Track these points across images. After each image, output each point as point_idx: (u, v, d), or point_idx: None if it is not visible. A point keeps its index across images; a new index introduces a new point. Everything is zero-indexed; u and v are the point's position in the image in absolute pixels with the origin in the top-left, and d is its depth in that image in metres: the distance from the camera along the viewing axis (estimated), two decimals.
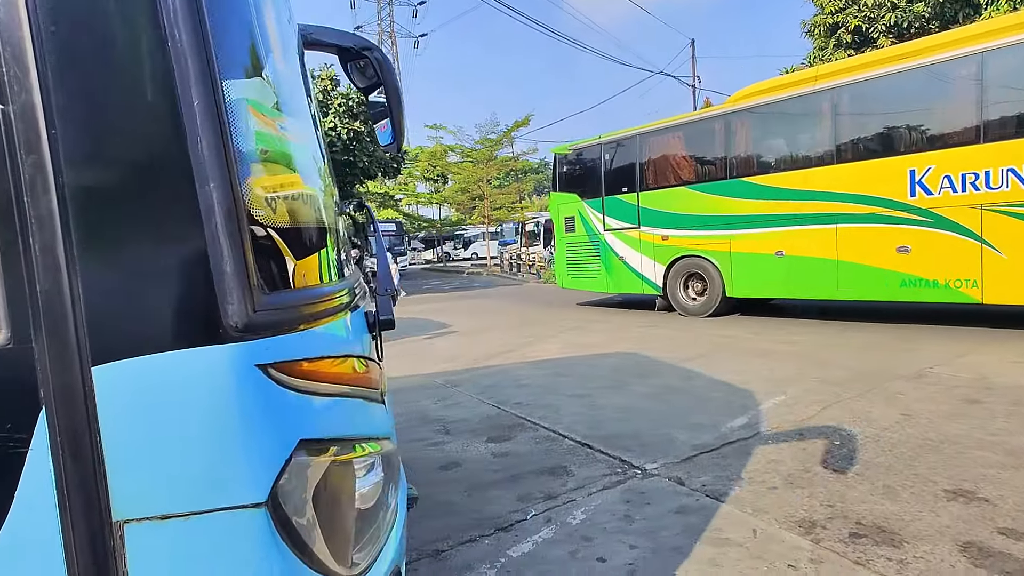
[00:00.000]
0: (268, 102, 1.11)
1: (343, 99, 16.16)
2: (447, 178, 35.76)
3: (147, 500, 0.88)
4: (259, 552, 0.92)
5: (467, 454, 3.79)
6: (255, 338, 0.91)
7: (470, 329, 9.73)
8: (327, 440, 1.08)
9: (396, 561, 1.39)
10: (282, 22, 1.39)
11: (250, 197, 0.95)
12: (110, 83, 0.86)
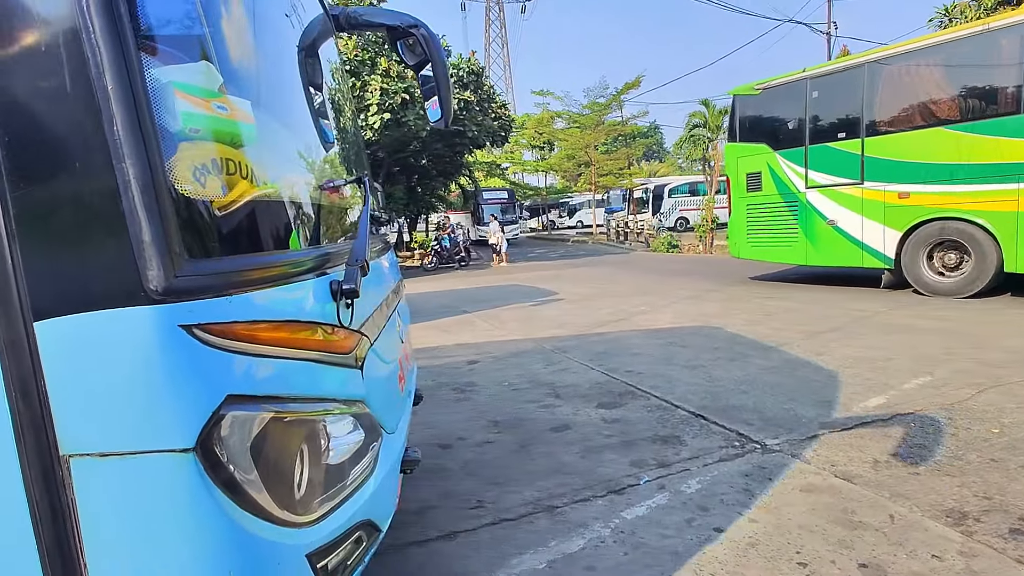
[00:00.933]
0: (206, 84, 1.17)
1: (454, 69, 16.45)
2: (553, 145, 35.47)
3: (88, 438, 0.99)
4: (189, 493, 1.01)
5: (578, 418, 3.84)
6: (178, 301, 1.00)
7: (577, 297, 9.73)
8: (263, 397, 1.15)
9: (366, 516, 1.46)
10: (248, 10, 1.45)
11: (174, 172, 1.03)
12: (37, 72, 0.95)
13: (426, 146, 18.19)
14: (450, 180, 24.17)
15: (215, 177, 1.13)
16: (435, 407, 4.21)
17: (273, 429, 1.16)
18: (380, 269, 2.24)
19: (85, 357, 0.98)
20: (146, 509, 1.02)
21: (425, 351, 6.12)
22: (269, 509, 1.14)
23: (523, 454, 3.29)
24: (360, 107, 14.77)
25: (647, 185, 30.67)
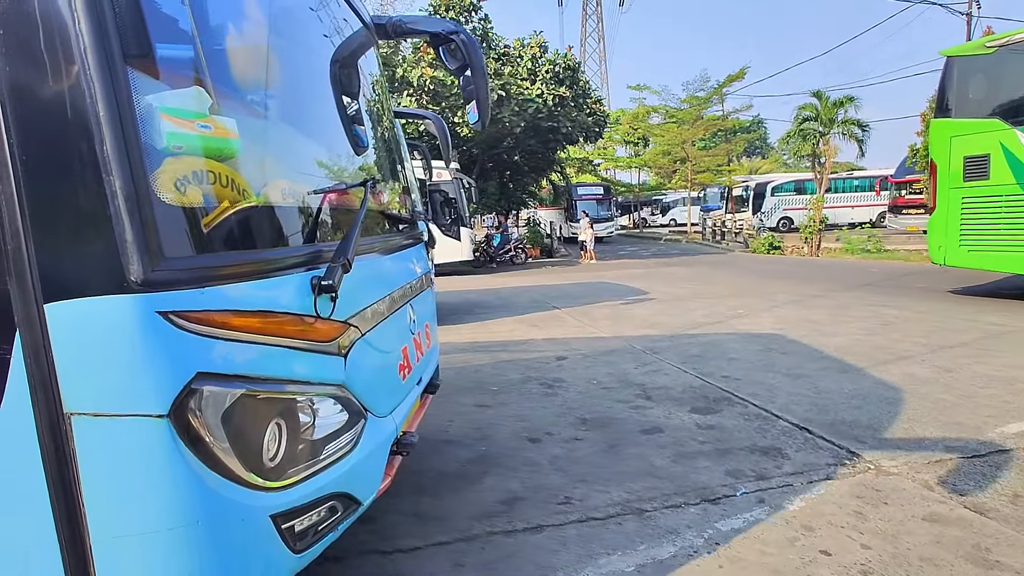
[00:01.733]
0: (194, 107, 1.34)
1: (550, 65, 16.45)
2: (648, 141, 34.55)
3: (85, 400, 1.19)
4: (163, 452, 1.21)
5: (670, 421, 3.72)
6: (155, 291, 1.19)
7: (670, 297, 9.43)
8: (236, 376, 1.32)
9: (342, 488, 1.61)
10: (246, 37, 1.64)
11: (157, 183, 1.21)
12: (45, 101, 1.16)
13: (519, 142, 18.36)
14: (541, 176, 24.27)
15: (195, 187, 1.31)
16: (524, 400, 4.25)
17: (245, 404, 1.34)
18: (392, 264, 2.38)
19: (83, 333, 1.19)
20: (129, 462, 1.22)
21: (514, 344, 6.20)
22: (237, 473, 1.31)
23: (612, 454, 3.25)
24: (456, 105, 15.16)
25: (748, 182, 29.10)
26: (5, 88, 1.15)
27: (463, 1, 17.83)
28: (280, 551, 1.44)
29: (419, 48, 15.77)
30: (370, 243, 2.17)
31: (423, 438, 3.57)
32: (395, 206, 2.76)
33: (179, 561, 1.26)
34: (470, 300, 9.97)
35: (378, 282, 2.11)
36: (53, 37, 1.15)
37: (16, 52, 1.15)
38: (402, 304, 2.35)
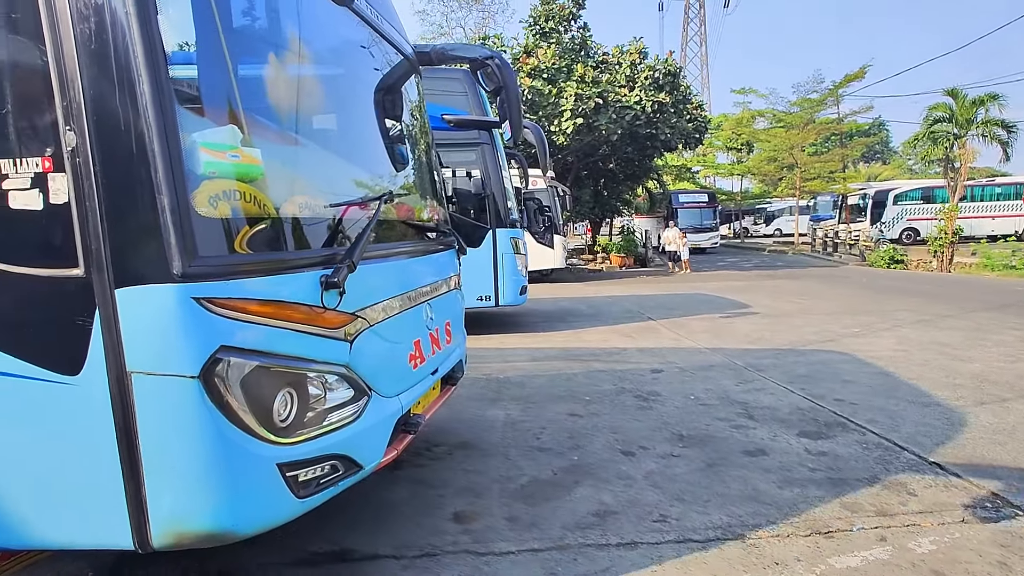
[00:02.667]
0: (227, 141, 1.73)
1: (650, 71, 16.12)
2: (752, 147, 32.84)
3: (142, 361, 1.57)
4: (195, 407, 1.59)
5: (775, 444, 3.50)
6: (191, 282, 1.57)
7: (774, 312, 8.88)
8: (253, 351, 1.69)
9: (343, 451, 1.94)
10: (283, 84, 2.07)
11: (195, 201, 1.60)
12: (122, 143, 1.55)
13: (615, 150, 18.12)
14: (637, 184, 23.76)
15: (225, 202, 1.70)
16: (617, 412, 4.17)
17: (259, 374, 1.71)
18: (411, 268, 2.69)
19: (140, 311, 1.58)
20: (171, 410, 1.62)
21: (607, 354, 6.11)
22: (252, 427, 1.68)
23: (712, 474, 3.10)
24: (553, 114, 15.26)
25: (866, 190, 26.78)
26: (93, 132, 1.56)
27: (562, 11, 17.97)
28: (284, 494, 1.79)
29: (518, 59, 16.07)
30: (389, 248, 2.51)
31: (515, 441, 3.62)
32: (421, 217, 3.09)
33: (204, 489, 1.65)
34: (562, 307, 9.97)
35: (393, 282, 2.42)
36: (125, 95, 1.56)
37: (101, 107, 1.57)
38: (418, 303, 2.64)
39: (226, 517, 1.69)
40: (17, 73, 1.62)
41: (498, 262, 7.09)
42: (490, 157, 7.14)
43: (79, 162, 1.56)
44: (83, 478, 1.67)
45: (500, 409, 4.30)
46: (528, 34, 17.76)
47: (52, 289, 1.61)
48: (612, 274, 17.62)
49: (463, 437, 3.73)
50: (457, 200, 7.20)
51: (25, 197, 1.60)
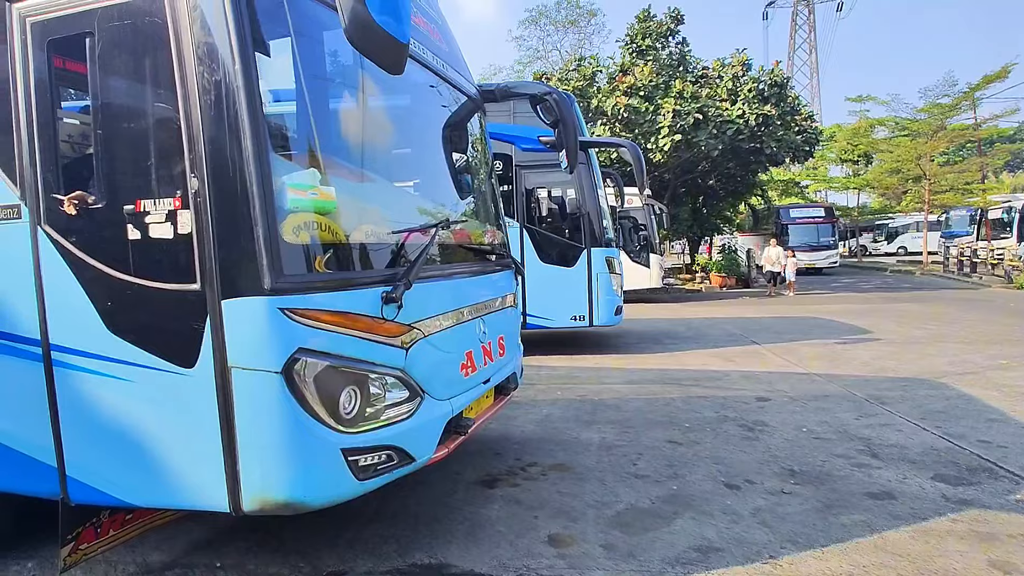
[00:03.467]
0: (308, 181, 2.13)
1: (753, 83, 15.42)
2: (870, 158, 30.28)
3: (239, 358, 1.96)
4: (278, 397, 1.96)
5: (906, 488, 3.14)
6: (278, 295, 1.95)
7: (900, 338, 8.05)
8: (324, 353, 2.05)
9: (398, 443, 2.25)
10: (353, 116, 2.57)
11: (282, 230, 1.99)
12: (229, 186, 1.95)
13: (716, 165, 17.47)
14: (739, 200, 22.68)
15: (305, 232, 2.09)
16: (720, 441, 3.95)
17: (329, 373, 2.06)
18: (467, 286, 2.96)
19: (240, 318, 1.96)
20: (260, 398, 1.98)
21: (708, 379, 5.82)
22: (321, 416, 2.03)
23: (829, 516, 2.84)
24: (650, 131, 15.00)
25: (1012, 202, 23.70)
26: (210, 178, 1.97)
27: (659, 28, 17.74)
28: (347, 476, 2.10)
29: (614, 78, 16.03)
30: (445, 269, 2.84)
31: (611, 466, 3.52)
32: (478, 241, 3.36)
33: (283, 466, 2.01)
34: (659, 329, 9.66)
35: (447, 298, 2.73)
36: (234, 150, 1.95)
37: (216, 159, 1.96)
38: (471, 317, 2.91)
39: (300, 490, 2.03)
40: (159, 134, 2.06)
41: (593, 282, 7.03)
42: (585, 177, 7.13)
43: (199, 201, 1.97)
44: (193, 451, 2.05)
45: (595, 432, 4.22)
46: (624, 53, 17.68)
47: (176, 299, 2.03)
48: (712, 295, 16.86)
49: (558, 458, 3.70)
50: (552, 220, 7.25)
51: (160, 228, 2.03)
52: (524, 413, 4.74)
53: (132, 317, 2.10)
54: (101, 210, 2.10)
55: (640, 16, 18.05)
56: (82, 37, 2.09)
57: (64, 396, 2.20)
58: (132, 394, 2.10)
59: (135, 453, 2.11)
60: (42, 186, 2.17)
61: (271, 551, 2.61)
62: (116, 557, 2.58)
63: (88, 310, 2.12)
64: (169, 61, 1.99)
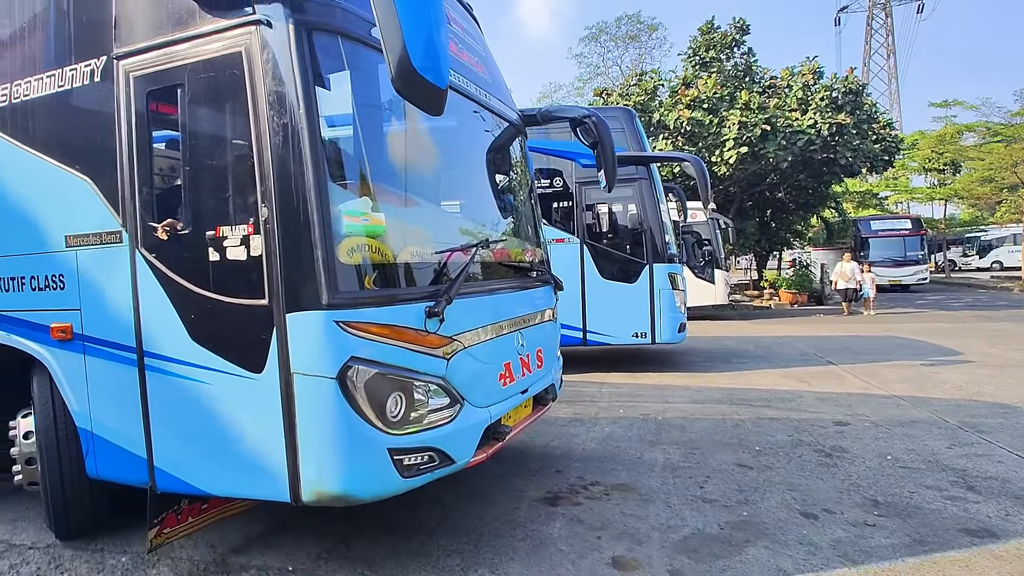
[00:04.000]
0: (361, 208, 2.39)
1: (825, 91, 14.77)
2: (958, 167, 28.23)
3: (300, 365, 2.20)
4: (333, 400, 2.19)
5: (1009, 526, 2.86)
6: (334, 310, 2.19)
7: (998, 361, 7.39)
8: (370, 360, 2.26)
9: (439, 445, 2.44)
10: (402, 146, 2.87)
11: (337, 252, 2.24)
12: (295, 217, 2.22)
13: (785, 178, 16.80)
14: (811, 213, 21.61)
15: (357, 253, 2.34)
16: (795, 467, 3.74)
17: (378, 379, 2.28)
18: (506, 302, 3.15)
19: (302, 330, 2.22)
20: (317, 400, 2.22)
21: (780, 400, 5.55)
22: (370, 417, 2.26)
23: (920, 553, 2.62)
24: (715, 144, 14.64)
25: None
26: (278, 208, 2.24)
27: (723, 39, 17.38)
28: (392, 473, 2.31)
29: (676, 91, 15.80)
30: (484, 285, 3.03)
31: (676, 488, 3.41)
32: (518, 259, 3.52)
33: (336, 462, 2.23)
34: (725, 347, 9.31)
35: (487, 313, 2.91)
36: (298, 183, 2.23)
37: (283, 191, 2.25)
38: (511, 331, 3.09)
39: (350, 484, 2.25)
40: (236, 169, 2.37)
41: (655, 298, 6.90)
42: (647, 191, 7.04)
43: (268, 228, 2.25)
44: (260, 447, 2.30)
45: (659, 452, 4.10)
46: (687, 66, 17.41)
47: (248, 313, 2.30)
48: (782, 312, 16.11)
49: (620, 478, 3.62)
50: (612, 235, 7.20)
51: (236, 251, 2.31)
52: (586, 431, 4.68)
53: (211, 328, 2.37)
54: (187, 235, 2.39)
55: (703, 28, 17.76)
56: (174, 87, 2.42)
57: (154, 396, 2.51)
58: (209, 395, 2.38)
59: (211, 447, 2.40)
60: (139, 215, 2.49)
61: (339, 558, 2.69)
62: (198, 556, 2.73)
63: (175, 321, 2.42)
64: (245, 107, 2.29)
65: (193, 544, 2.85)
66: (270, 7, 2.26)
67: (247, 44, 2.29)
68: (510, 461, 3.97)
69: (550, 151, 7.27)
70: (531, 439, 4.45)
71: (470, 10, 3.63)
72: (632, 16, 29.13)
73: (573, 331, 7.07)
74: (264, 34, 2.26)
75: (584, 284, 7.08)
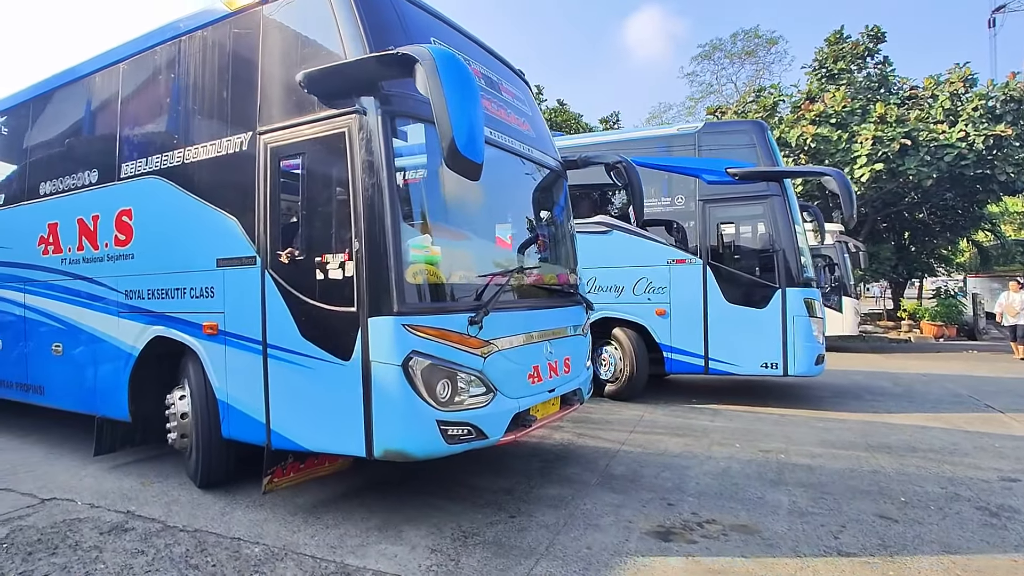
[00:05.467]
0: (421, 243, 3.12)
1: (979, 100, 13.12)
2: None
3: (378, 355, 2.97)
4: (398, 381, 2.94)
5: None
6: (401, 315, 2.96)
7: None
8: (425, 354, 2.97)
9: (475, 422, 3.12)
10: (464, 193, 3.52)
11: (405, 274, 3.02)
12: (378, 252, 3.03)
13: (928, 196, 15.10)
14: (960, 236, 19.17)
15: (420, 276, 3.09)
16: (951, 525, 3.26)
17: (431, 368, 2.98)
18: (536, 316, 3.83)
19: (379, 329, 2.97)
20: (388, 383, 2.95)
21: (927, 447, 4.89)
22: (426, 397, 2.96)
23: None
24: (844, 161, 13.52)
25: None
26: (366, 242, 3.01)
27: (854, 48, 16.14)
28: (439, 439, 3.01)
29: (799, 106, 14.85)
30: (518, 302, 3.72)
31: (806, 536, 3.09)
32: (551, 282, 4.24)
33: (399, 427, 2.98)
34: (856, 382, 8.44)
35: (520, 324, 3.60)
36: (380, 224, 3.01)
37: (369, 230, 3.02)
38: (540, 340, 3.75)
39: (408, 444, 3.02)
40: (338, 213, 3.22)
41: (788, 325, 6.25)
42: (779, 209, 6.47)
43: (359, 256, 3.04)
44: (346, 415, 3.07)
45: (784, 494, 3.76)
46: (812, 79, 16.35)
47: (342, 317, 3.10)
48: (923, 346, 14.34)
49: (740, 519, 3.35)
50: (740, 257, 6.78)
51: (335, 272, 3.14)
52: (698, 464, 4.41)
53: (315, 327, 3.22)
54: (302, 260, 3.27)
55: (831, 39, 16.65)
56: (298, 155, 3.37)
57: (273, 376, 3.41)
58: (311, 376, 3.23)
59: (311, 415, 3.27)
60: (269, 245, 3.42)
61: (447, 573, 2.72)
62: (320, 555, 2.89)
63: (289, 322, 3.31)
64: (345, 170, 3.13)
65: (316, 544, 3.02)
66: (366, 100, 3.10)
67: (349, 126, 3.13)
68: (618, 490, 3.83)
69: (670, 167, 6.97)
70: (640, 468, 4.28)
71: (522, 75, 4.67)
72: (749, 31, 27.85)
73: (694, 358, 6.68)
74: (361, 120, 3.09)
75: (707, 308, 6.61)
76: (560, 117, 24.32)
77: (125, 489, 3.90)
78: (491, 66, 4.20)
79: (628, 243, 7.01)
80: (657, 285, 6.85)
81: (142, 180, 4.15)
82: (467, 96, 2.71)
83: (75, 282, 4.58)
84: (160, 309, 3.99)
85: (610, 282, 7.07)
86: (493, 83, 4.07)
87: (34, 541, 3.09)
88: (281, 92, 3.45)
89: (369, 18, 3.22)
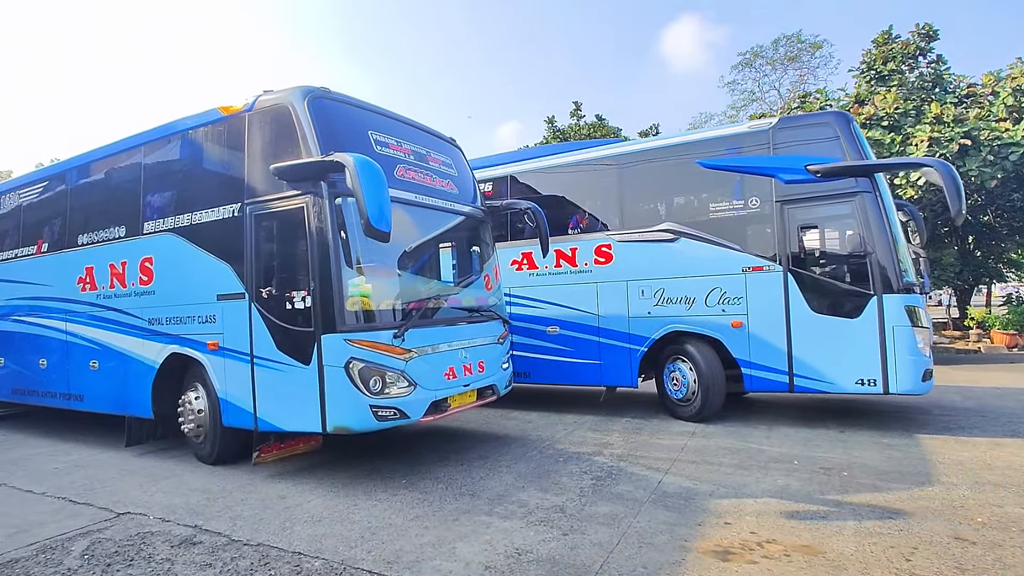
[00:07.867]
0: (358, 281, 4.37)
1: None
2: None
3: (327, 360, 4.30)
4: (343, 379, 4.26)
5: None
6: (343, 332, 4.27)
7: None
8: (361, 359, 4.26)
9: (400, 407, 4.37)
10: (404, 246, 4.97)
11: (346, 305, 4.31)
12: (329, 289, 4.36)
13: (993, 198, 14.30)
14: None
15: (356, 305, 4.36)
16: None
17: (365, 369, 4.27)
18: (452, 329, 4.98)
19: (329, 343, 4.31)
20: (335, 381, 4.28)
21: (1002, 463, 4.59)
22: (361, 389, 4.26)
23: None
24: None
25: None
26: (318, 283, 4.31)
27: (905, 48, 15.57)
28: (371, 418, 4.25)
29: (848, 110, 14.39)
30: (436, 319, 4.83)
31: (875, 558, 2.97)
32: (468, 304, 5.46)
33: (343, 411, 4.26)
34: (923, 396, 8.00)
35: (440, 336, 4.78)
36: (330, 269, 4.29)
37: (322, 274, 4.32)
38: (457, 348, 4.93)
39: (351, 422, 4.26)
40: (298, 262, 4.52)
41: (887, 337, 5.63)
42: (871, 208, 5.78)
43: (315, 292, 4.31)
44: (308, 404, 4.33)
45: (848, 512, 3.61)
46: (860, 82, 15.85)
47: (304, 334, 4.36)
48: (995, 357, 13.47)
49: (803, 539, 3.23)
50: (826, 262, 6.22)
51: (299, 303, 4.42)
52: (755, 481, 4.28)
53: (286, 342, 4.49)
54: (276, 295, 4.58)
55: (879, 40, 16.12)
56: (272, 220, 4.68)
57: (258, 378, 4.68)
58: (284, 377, 4.50)
59: (285, 404, 4.53)
60: (254, 284, 4.72)
61: None
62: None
63: (268, 339, 4.60)
64: (304, 232, 4.41)
65: (373, 559, 3.08)
66: (319, 185, 4.35)
67: (307, 203, 4.41)
68: (672, 508, 3.76)
69: (743, 168, 6.39)
70: (694, 486, 4.18)
71: (453, 142, 5.98)
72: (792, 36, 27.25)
73: (776, 374, 6.11)
74: (315, 199, 4.37)
75: (789, 320, 6.04)
76: (599, 132, 24.32)
77: (192, 504, 4.09)
78: (421, 140, 5.42)
79: (698, 251, 6.54)
80: (732, 295, 6.34)
81: (160, 235, 5.54)
82: (376, 188, 3.91)
83: (108, 312, 5.98)
84: (175, 332, 5.33)
85: (679, 293, 6.63)
86: (421, 156, 5.28)
87: (112, 553, 3.27)
88: (261, 175, 4.74)
89: (319, 124, 4.50)
